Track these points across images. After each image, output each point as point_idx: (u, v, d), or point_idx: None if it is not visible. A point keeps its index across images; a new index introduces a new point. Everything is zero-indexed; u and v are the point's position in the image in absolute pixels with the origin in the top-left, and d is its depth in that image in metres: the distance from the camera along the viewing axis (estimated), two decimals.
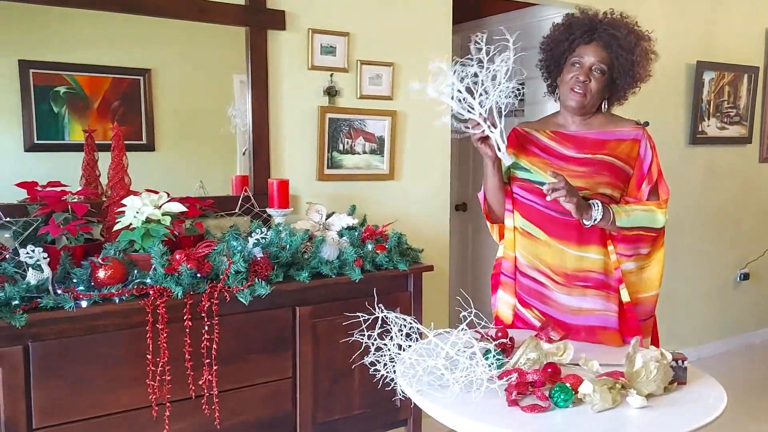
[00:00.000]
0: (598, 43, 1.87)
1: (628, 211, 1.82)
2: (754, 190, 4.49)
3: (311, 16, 2.67)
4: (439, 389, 1.44)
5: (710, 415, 1.37)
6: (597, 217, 1.77)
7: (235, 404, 2.09)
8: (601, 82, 1.87)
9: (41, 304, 1.77)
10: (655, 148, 1.90)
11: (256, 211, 2.53)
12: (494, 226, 2.10)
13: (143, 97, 2.41)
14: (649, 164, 1.88)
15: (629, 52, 1.85)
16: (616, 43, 1.85)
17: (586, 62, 1.87)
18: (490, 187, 1.98)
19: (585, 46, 1.88)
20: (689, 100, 4.02)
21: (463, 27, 4.12)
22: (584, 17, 1.93)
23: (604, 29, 1.87)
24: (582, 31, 1.89)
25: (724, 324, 4.45)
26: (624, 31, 1.86)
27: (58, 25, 2.26)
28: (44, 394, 1.80)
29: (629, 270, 1.89)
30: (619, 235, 1.84)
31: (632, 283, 1.90)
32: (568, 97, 1.90)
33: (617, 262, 1.88)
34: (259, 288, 2.01)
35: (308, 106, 2.70)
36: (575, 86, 1.87)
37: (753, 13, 4.28)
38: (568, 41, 1.92)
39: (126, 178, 2.13)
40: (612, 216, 1.80)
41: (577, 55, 1.89)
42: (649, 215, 1.84)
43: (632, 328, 1.88)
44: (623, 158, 1.88)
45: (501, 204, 2.00)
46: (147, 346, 1.89)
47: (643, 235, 1.85)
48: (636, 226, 1.83)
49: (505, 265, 2.02)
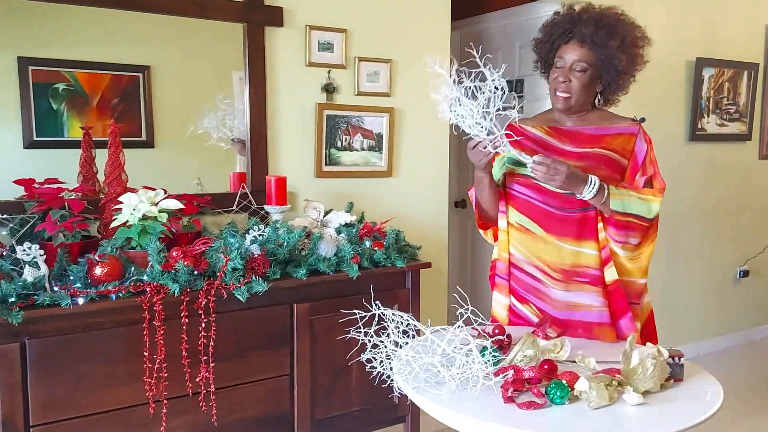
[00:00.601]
0: (575, 40, 1.88)
1: (623, 195, 1.81)
2: (754, 187, 4.48)
3: (309, 12, 2.67)
4: (436, 386, 1.44)
5: (707, 412, 1.37)
6: (587, 195, 1.78)
7: (232, 401, 2.09)
8: (583, 79, 1.87)
9: (38, 302, 1.77)
10: (651, 143, 1.90)
11: (253, 208, 2.53)
12: (488, 231, 2.10)
13: (142, 93, 2.41)
14: (644, 157, 1.88)
15: (603, 47, 1.85)
16: (589, 39, 1.86)
17: (567, 61, 1.89)
18: (486, 197, 1.98)
19: (564, 46, 1.90)
20: (689, 97, 4.01)
21: (462, 23, 4.11)
22: (565, 15, 1.94)
23: (582, 26, 1.88)
24: (562, 29, 1.91)
25: (723, 320, 4.45)
26: (594, 27, 1.86)
27: (57, 21, 2.25)
28: (41, 392, 1.80)
29: (616, 253, 1.88)
30: (611, 218, 1.83)
31: (618, 264, 1.89)
32: (554, 100, 1.93)
33: (605, 241, 1.87)
34: (257, 285, 2.01)
35: (306, 103, 2.70)
36: (558, 87, 1.90)
37: (753, 9, 4.27)
38: (550, 42, 1.95)
39: (123, 175, 2.13)
40: (606, 195, 1.79)
41: (558, 55, 1.91)
42: (643, 203, 1.83)
43: (621, 307, 1.87)
44: (619, 151, 1.88)
45: (495, 207, 2.01)
46: (144, 343, 1.89)
47: (634, 224, 1.83)
48: (629, 212, 1.82)
49: (500, 266, 2.03)
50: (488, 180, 1.93)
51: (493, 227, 2.07)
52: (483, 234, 2.13)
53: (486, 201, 2.00)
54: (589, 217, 1.85)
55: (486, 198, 1.99)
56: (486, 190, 1.96)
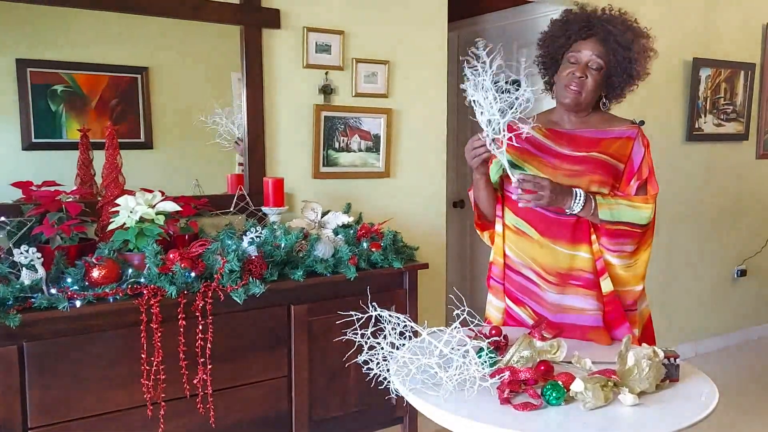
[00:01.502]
0: (595, 38, 1.85)
1: (611, 204, 1.79)
2: (751, 186, 4.48)
3: (306, 14, 2.67)
4: (433, 388, 1.44)
5: (702, 413, 1.37)
6: (575, 209, 1.76)
7: (230, 403, 2.10)
8: (597, 78, 1.85)
9: (35, 304, 1.77)
10: (648, 147, 1.89)
11: (251, 210, 2.53)
12: (485, 233, 2.10)
13: (141, 95, 2.41)
14: (640, 162, 1.87)
15: (626, 49, 1.83)
16: (612, 39, 1.83)
17: (583, 58, 1.85)
18: (482, 198, 1.98)
19: (582, 42, 1.86)
20: (686, 97, 4.02)
21: (460, 24, 4.11)
22: (582, 13, 1.91)
23: (602, 24, 1.85)
24: (579, 26, 1.87)
25: (721, 320, 4.46)
26: (621, 27, 1.84)
27: (56, 23, 2.26)
28: (39, 394, 1.81)
29: (611, 264, 1.86)
30: (602, 227, 1.81)
31: (614, 275, 1.87)
32: (564, 94, 1.88)
33: (599, 253, 1.85)
34: (254, 287, 2.01)
35: (303, 105, 2.70)
36: (571, 83, 1.85)
37: (749, 9, 4.27)
38: (564, 36, 1.90)
39: (120, 178, 2.13)
40: (594, 206, 1.77)
41: (573, 50, 1.87)
42: (633, 211, 1.81)
43: (617, 317, 1.86)
44: (616, 156, 1.87)
45: (493, 209, 2.01)
46: (141, 346, 1.89)
47: (626, 231, 1.81)
48: (619, 220, 1.80)
49: (495, 270, 2.03)
50: (484, 182, 1.92)
51: (491, 230, 2.07)
52: (480, 235, 2.13)
53: (483, 202, 1.99)
54: (583, 220, 1.84)
55: (483, 199, 1.98)
56: (482, 191, 1.95)
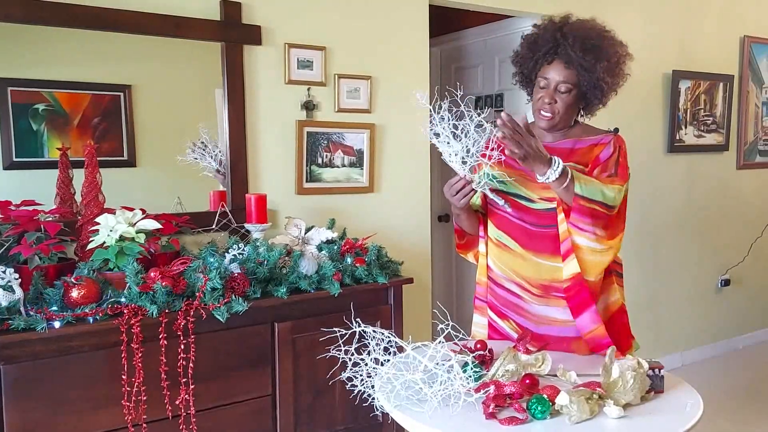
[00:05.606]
0: (560, 61, 1.85)
1: (586, 180, 1.76)
2: (733, 196, 4.53)
3: (287, 30, 2.67)
4: (418, 404, 1.43)
5: (687, 424, 1.38)
6: (551, 176, 1.70)
7: (214, 423, 2.07)
8: (567, 99, 1.86)
9: (12, 326, 1.74)
10: (620, 149, 1.88)
11: (233, 227, 2.51)
12: (468, 254, 2.11)
13: (124, 112, 2.39)
14: (607, 159, 1.86)
15: (589, 72, 1.83)
16: (576, 63, 1.83)
17: (551, 82, 1.86)
18: (466, 224, 2.02)
19: (548, 66, 1.87)
20: (666, 109, 4.07)
21: (442, 39, 4.14)
22: (548, 32, 1.89)
23: (564, 49, 1.84)
24: (545, 49, 1.88)
25: (706, 330, 4.48)
26: (582, 50, 1.82)
27: (37, 42, 2.24)
28: (18, 416, 1.77)
29: (579, 246, 1.81)
30: (575, 203, 1.76)
31: (580, 259, 1.82)
32: (537, 118, 1.91)
33: (567, 233, 1.81)
34: (236, 305, 1.99)
35: (286, 121, 2.70)
36: (542, 108, 1.87)
37: (727, 22, 4.34)
38: (533, 60, 1.92)
39: (100, 196, 2.11)
40: (570, 179, 1.72)
41: (542, 74, 1.88)
42: (605, 189, 1.77)
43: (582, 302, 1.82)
44: (583, 162, 1.88)
45: (477, 229, 2.04)
46: (122, 366, 1.86)
47: (598, 211, 1.76)
48: (592, 198, 1.75)
49: (479, 290, 2.05)
50: (465, 215, 1.97)
51: (474, 250, 2.07)
52: (464, 257, 2.13)
53: (467, 226, 2.03)
54: None
55: (466, 224, 2.02)
56: (465, 222, 2.00)
